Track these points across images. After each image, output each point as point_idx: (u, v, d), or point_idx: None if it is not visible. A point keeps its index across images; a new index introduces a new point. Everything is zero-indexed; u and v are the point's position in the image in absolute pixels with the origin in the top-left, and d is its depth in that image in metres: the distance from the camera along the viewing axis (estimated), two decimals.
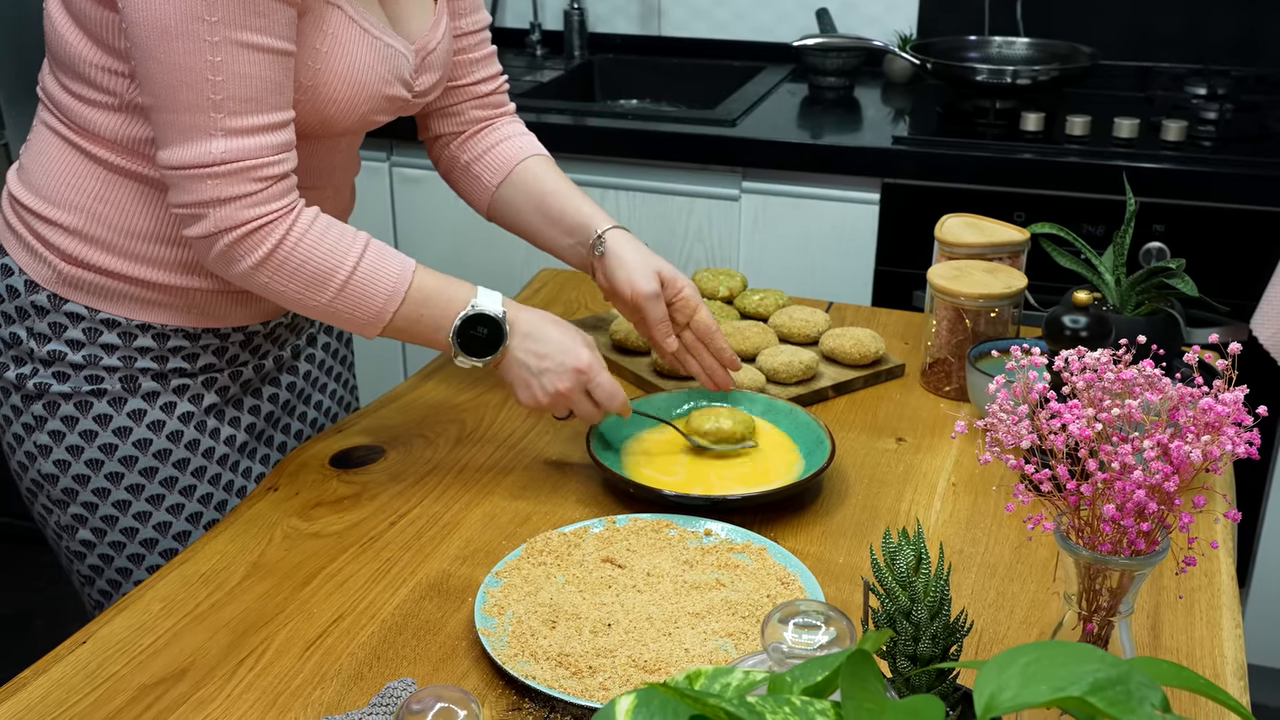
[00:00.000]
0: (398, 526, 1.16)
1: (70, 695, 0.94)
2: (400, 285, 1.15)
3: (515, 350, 1.18)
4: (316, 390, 1.44)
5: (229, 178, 1.08)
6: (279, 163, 1.10)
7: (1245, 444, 0.72)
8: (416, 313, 1.16)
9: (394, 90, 1.21)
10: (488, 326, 1.17)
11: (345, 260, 1.13)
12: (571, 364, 1.17)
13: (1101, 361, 0.77)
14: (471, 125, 1.40)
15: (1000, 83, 2.28)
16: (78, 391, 1.23)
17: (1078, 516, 0.77)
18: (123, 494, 1.26)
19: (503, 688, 0.95)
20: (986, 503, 1.20)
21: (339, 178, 1.32)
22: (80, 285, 1.21)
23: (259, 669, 0.97)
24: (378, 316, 1.15)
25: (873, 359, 1.45)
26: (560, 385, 1.18)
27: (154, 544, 1.28)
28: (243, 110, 1.07)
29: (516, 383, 1.20)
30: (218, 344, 1.28)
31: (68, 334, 1.22)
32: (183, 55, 1.04)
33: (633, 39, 2.84)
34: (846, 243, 2.22)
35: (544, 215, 1.35)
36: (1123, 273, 1.42)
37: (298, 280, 1.13)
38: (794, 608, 0.67)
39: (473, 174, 1.40)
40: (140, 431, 1.25)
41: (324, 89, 1.14)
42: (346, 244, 1.14)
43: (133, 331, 1.23)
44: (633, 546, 1.10)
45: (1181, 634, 1.02)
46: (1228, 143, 2.15)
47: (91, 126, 1.17)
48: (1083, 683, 0.53)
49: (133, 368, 1.24)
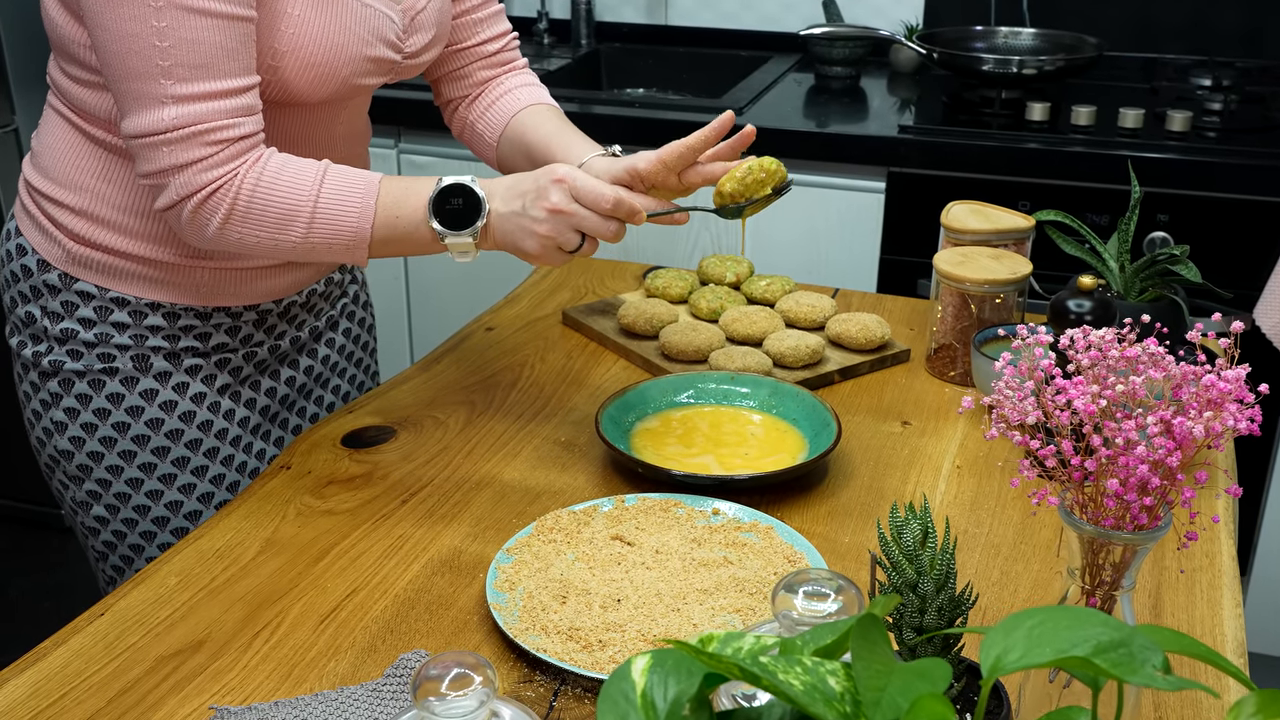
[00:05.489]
0: (409, 504, 1.18)
1: (89, 665, 0.95)
2: (368, 198, 1.13)
3: (496, 205, 1.13)
4: (335, 374, 1.45)
5: (182, 143, 1.07)
6: (234, 126, 1.09)
7: (1247, 420, 0.74)
8: (392, 216, 1.13)
9: (376, 51, 1.19)
10: (461, 196, 1.13)
11: (307, 192, 1.11)
12: (545, 180, 1.11)
13: (1106, 339, 0.78)
14: (478, 86, 1.40)
15: (1006, 73, 2.29)
16: (90, 370, 1.24)
17: (1081, 492, 0.78)
18: (135, 472, 1.27)
19: (514, 660, 0.96)
20: (990, 485, 1.22)
21: (343, 149, 1.31)
22: (89, 264, 1.23)
23: (274, 641, 0.99)
24: (356, 235, 1.13)
25: (878, 344, 1.46)
26: (547, 203, 1.10)
27: (165, 522, 1.29)
28: (192, 76, 1.06)
29: (514, 233, 1.13)
30: (230, 323, 1.29)
31: (79, 312, 1.24)
32: (129, 22, 1.04)
33: (640, 28, 2.85)
34: (852, 231, 2.23)
35: (531, 164, 1.32)
36: (1127, 259, 1.43)
37: (266, 225, 1.11)
38: (803, 575, 0.68)
39: (477, 132, 1.40)
40: (153, 411, 1.26)
41: (300, 53, 1.14)
42: (305, 176, 1.12)
43: (143, 310, 1.24)
44: (641, 525, 1.12)
45: (1182, 612, 1.03)
46: (1232, 133, 2.16)
47: (87, 106, 1.18)
48: (1086, 645, 0.55)
49: (144, 346, 1.25)
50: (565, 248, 1.13)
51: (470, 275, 2.45)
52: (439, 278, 2.53)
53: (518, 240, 1.13)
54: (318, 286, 1.39)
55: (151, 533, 1.29)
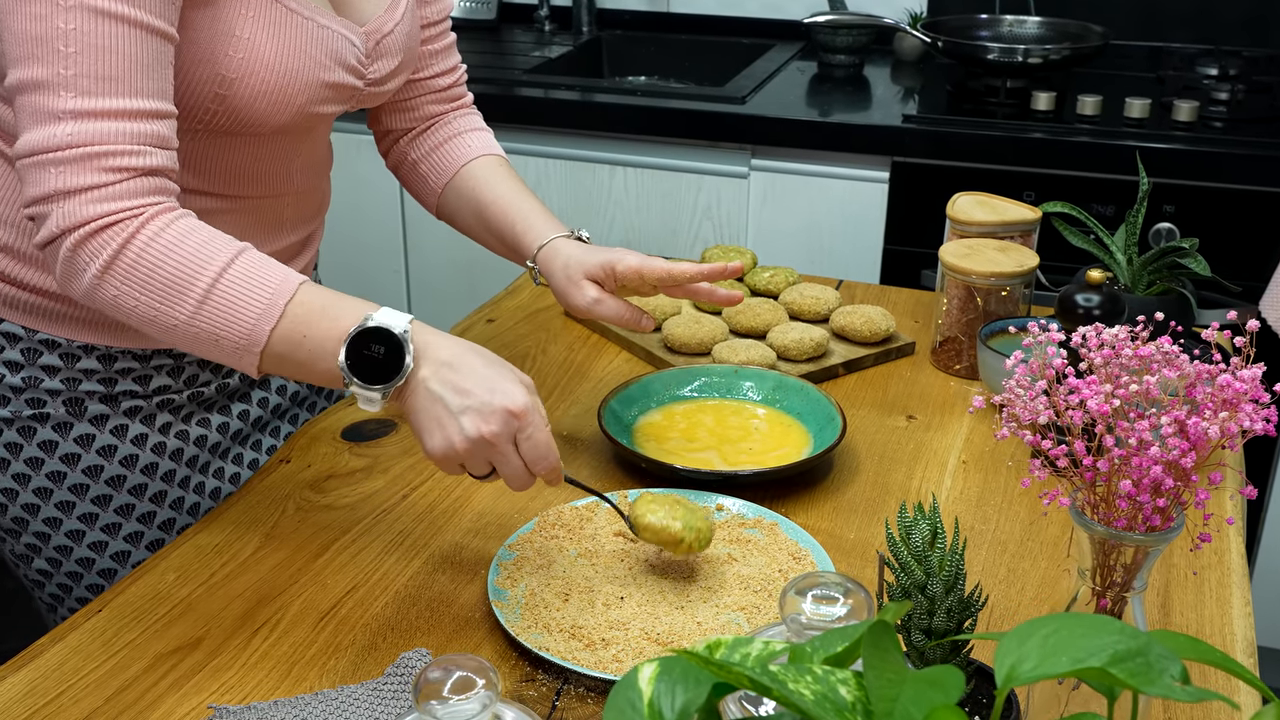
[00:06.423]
0: (410, 499, 1.17)
1: (87, 663, 0.94)
2: (279, 297, 0.94)
3: (429, 381, 0.94)
4: (299, 406, 1.35)
5: (73, 164, 0.91)
6: (139, 153, 0.94)
7: (1263, 420, 0.72)
8: (299, 332, 0.94)
9: (335, 77, 1.10)
10: (385, 345, 0.94)
11: (210, 265, 0.93)
12: (501, 403, 0.92)
13: (1119, 338, 0.77)
14: (424, 120, 1.32)
15: (1011, 61, 2.27)
16: (19, 416, 1.14)
17: (1093, 492, 0.77)
18: (75, 524, 1.18)
19: (516, 659, 0.95)
20: (997, 480, 1.20)
21: (300, 181, 1.21)
22: (15, 304, 1.12)
23: (274, 638, 0.98)
24: (250, 336, 0.94)
25: (883, 337, 1.45)
26: (485, 428, 0.92)
27: (113, 574, 1.21)
28: (96, 90, 0.92)
29: (427, 423, 0.94)
30: (171, 364, 1.19)
31: (5, 355, 1.13)
32: (33, 22, 0.90)
33: (642, 15, 2.83)
34: (855, 221, 2.21)
35: (483, 226, 1.27)
36: (1134, 252, 1.41)
37: (151, 288, 0.93)
38: (812, 579, 0.67)
39: (419, 173, 1.32)
40: (89, 458, 1.16)
41: (251, 80, 1.03)
42: (216, 249, 0.94)
43: (75, 353, 1.14)
44: None
45: (1191, 611, 1.02)
46: (1239, 123, 2.14)
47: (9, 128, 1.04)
48: (1102, 654, 0.54)
49: (77, 390, 1.14)
50: (468, 469, 0.96)
51: (471, 266, 2.44)
52: (439, 268, 2.51)
53: (425, 431, 0.95)
54: None
55: (99, 585, 1.21)
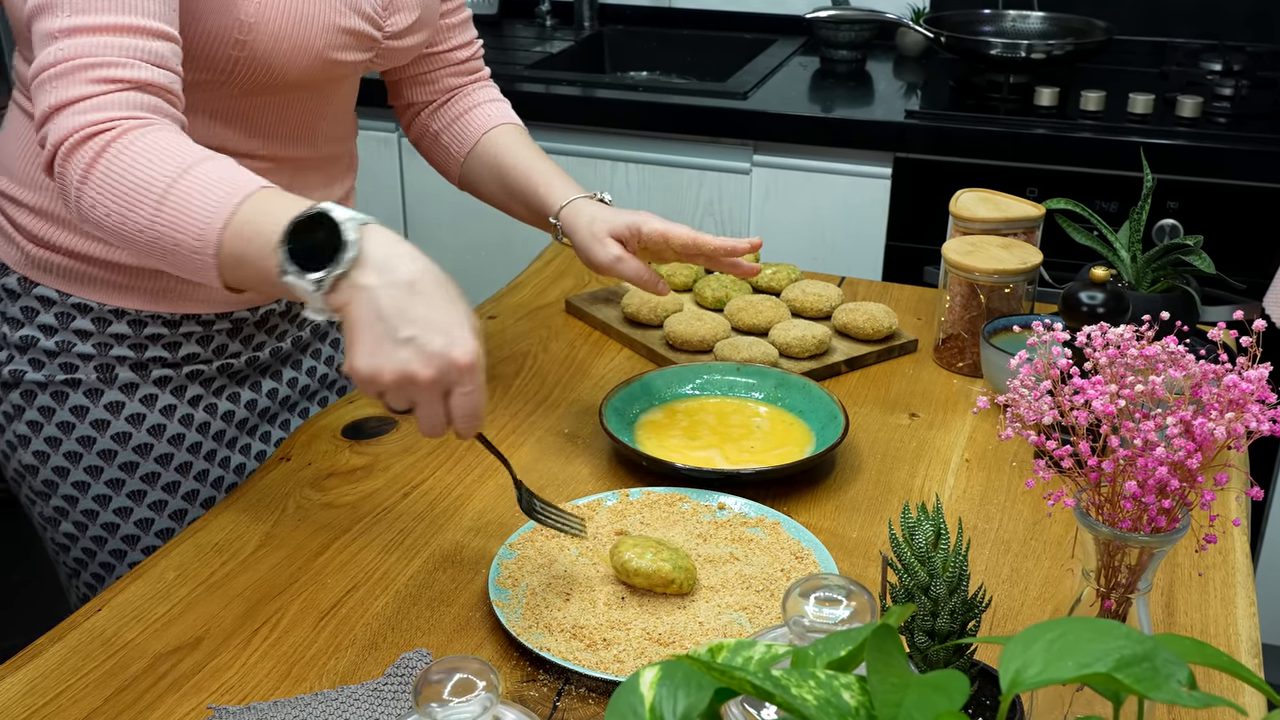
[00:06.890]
0: (411, 498, 1.16)
1: (86, 662, 0.94)
2: (232, 196, 0.88)
3: (378, 293, 0.85)
4: (324, 387, 1.37)
5: (63, 78, 0.91)
6: (128, 66, 0.92)
7: (1269, 421, 0.72)
8: (251, 229, 0.87)
9: (350, 22, 1.11)
10: (326, 230, 0.86)
11: (173, 167, 0.90)
12: (448, 352, 0.85)
13: (1124, 338, 0.77)
14: (445, 93, 1.35)
15: (1014, 57, 2.26)
16: (52, 380, 1.17)
17: (1098, 493, 0.77)
18: (102, 489, 1.21)
19: (517, 659, 0.95)
20: (1000, 479, 1.20)
21: (324, 146, 1.23)
22: (48, 268, 1.15)
23: (274, 638, 0.97)
24: (203, 235, 0.88)
25: (886, 334, 1.44)
26: (422, 371, 0.85)
27: (136, 541, 1.24)
28: (91, 6, 0.91)
29: (363, 338, 0.85)
30: (201, 332, 1.21)
31: (39, 319, 1.17)
32: None
33: (643, 10, 2.82)
34: (858, 217, 2.21)
35: (505, 190, 1.31)
36: (1138, 249, 1.41)
37: (118, 194, 0.90)
38: (815, 581, 0.66)
39: (441, 144, 1.35)
40: (118, 425, 1.19)
41: (268, 25, 1.04)
42: (182, 152, 0.91)
43: (106, 317, 1.16)
44: (646, 520, 1.10)
45: (1196, 611, 1.01)
46: (1243, 119, 2.13)
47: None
48: (1108, 659, 0.53)
49: (108, 355, 1.17)
50: (387, 401, 0.90)
51: (472, 261, 2.44)
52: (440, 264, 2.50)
53: (358, 343, 0.86)
54: None
55: (122, 551, 1.24)
